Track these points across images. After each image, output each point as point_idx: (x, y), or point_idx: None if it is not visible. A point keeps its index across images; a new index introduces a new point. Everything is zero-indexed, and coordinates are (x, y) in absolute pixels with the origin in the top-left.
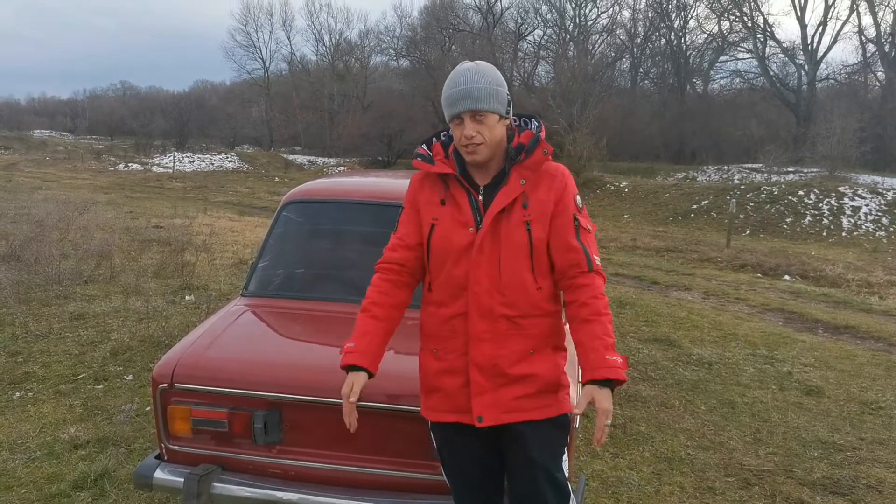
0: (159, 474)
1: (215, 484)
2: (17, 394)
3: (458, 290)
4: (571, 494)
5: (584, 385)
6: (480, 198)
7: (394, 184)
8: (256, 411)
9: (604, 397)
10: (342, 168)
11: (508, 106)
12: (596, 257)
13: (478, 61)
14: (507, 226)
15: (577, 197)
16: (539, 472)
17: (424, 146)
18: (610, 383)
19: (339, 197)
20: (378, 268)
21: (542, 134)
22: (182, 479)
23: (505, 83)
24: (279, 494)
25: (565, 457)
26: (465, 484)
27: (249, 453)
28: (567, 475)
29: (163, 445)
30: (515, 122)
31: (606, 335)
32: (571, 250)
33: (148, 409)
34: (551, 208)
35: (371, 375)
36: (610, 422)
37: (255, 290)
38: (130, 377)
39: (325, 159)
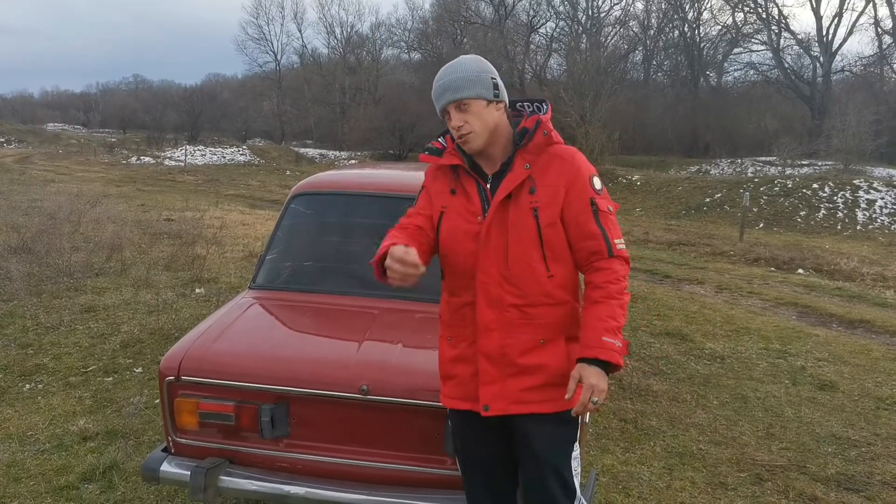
0: (166, 467)
1: (222, 477)
2: (28, 385)
3: (466, 278)
4: (579, 494)
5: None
6: (488, 186)
7: (402, 176)
8: (264, 405)
9: (592, 373)
10: (353, 161)
11: (496, 89)
12: (617, 241)
13: (462, 56)
14: (514, 213)
15: (595, 178)
16: (545, 469)
17: (440, 139)
18: (603, 364)
19: (347, 189)
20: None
21: (546, 116)
22: (189, 473)
23: (490, 69)
24: (286, 488)
25: (575, 453)
26: (477, 476)
27: (257, 447)
28: (578, 471)
29: (170, 438)
30: (529, 108)
31: (611, 318)
32: (590, 237)
33: (157, 401)
34: (563, 193)
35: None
36: (598, 400)
37: (264, 283)
38: (140, 370)
39: (337, 153)
